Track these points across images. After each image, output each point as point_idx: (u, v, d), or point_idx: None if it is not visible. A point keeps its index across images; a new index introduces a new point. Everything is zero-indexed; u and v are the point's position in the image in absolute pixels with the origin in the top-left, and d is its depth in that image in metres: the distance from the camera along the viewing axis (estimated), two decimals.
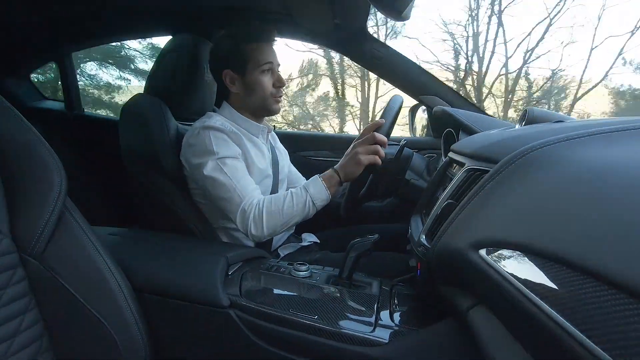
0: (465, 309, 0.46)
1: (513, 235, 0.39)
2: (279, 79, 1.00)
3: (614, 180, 0.34)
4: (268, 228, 0.87)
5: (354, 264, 0.73)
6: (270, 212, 0.87)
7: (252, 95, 0.99)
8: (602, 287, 0.26)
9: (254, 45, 0.96)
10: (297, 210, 0.88)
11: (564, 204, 0.36)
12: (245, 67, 0.97)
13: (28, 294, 0.53)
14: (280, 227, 0.88)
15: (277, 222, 0.87)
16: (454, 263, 0.48)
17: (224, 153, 0.90)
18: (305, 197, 0.88)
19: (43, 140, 0.56)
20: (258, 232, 0.87)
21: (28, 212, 0.53)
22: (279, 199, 0.88)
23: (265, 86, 0.98)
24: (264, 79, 0.97)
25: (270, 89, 0.99)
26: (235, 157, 0.92)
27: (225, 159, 0.89)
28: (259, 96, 0.99)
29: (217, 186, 0.88)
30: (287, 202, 0.87)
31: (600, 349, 0.24)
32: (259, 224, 0.86)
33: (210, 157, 0.89)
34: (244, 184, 0.89)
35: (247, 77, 0.97)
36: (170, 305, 0.67)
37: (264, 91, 0.98)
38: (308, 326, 0.61)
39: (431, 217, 0.66)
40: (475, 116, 1.17)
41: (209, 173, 0.88)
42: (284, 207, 0.87)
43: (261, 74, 0.97)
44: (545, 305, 0.30)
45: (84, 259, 0.57)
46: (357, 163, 0.86)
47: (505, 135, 0.64)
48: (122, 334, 0.58)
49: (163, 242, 0.85)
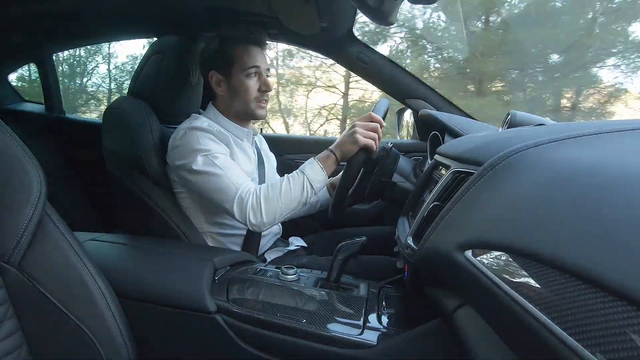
0: (452, 309, 0.47)
1: (497, 236, 0.39)
2: (265, 83, 0.98)
3: (592, 181, 0.35)
4: (267, 215, 0.85)
5: (342, 267, 0.73)
6: (268, 198, 0.85)
7: (236, 98, 0.98)
8: (584, 286, 0.27)
9: (241, 47, 0.95)
10: (295, 194, 0.86)
11: (543, 205, 0.37)
12: (231, 70, 0.96)
13: (6, 302, 0.51)
14: (279, 213, 0.86)
15: (276, 208, 0.85)
16: (441, 264, 0.49)
17: (213, 149, 0.89)
18: (302, 179, 0.87)
19: (21, 143, 0.55)
20: (257, 221, 0.85)
21: (6, 218, 0.51)
22: (275, 184, 0.87)
23: (250, 90, 0.97)
24: (250, 83, 0.96)
25: (255, 94, 0.97)
26: (224, 153, 0.91)
27: (215, 153, 0.88)
28: (243, 100, 0.97)
29: (211, 179, 0.87)
30: (285, 186, 0.86)
31: (582, 346, 0.25)
32: (257, 211, 0.84)
33: (199, 153, 0.88)
34: (237, 174, 0.88)
35: (233, 79, 0.96)
36: (155, 311, 0.65)
37: (248, 95, 0.97)
38: (296, 330, 0.60)
39: (418, 219, 0.67)
40: (460, 119, 1.19)
41: (200, 167, 0.87)
42: (281, 192, 0.85)
43: (247, 77, 0.96)
44: (530, 305, 0.30)
45: (64, 266, 0.55)
46: (354, 142, 0.86)
47: (489, 138, 0.65)
48: (105, 342, 0.57)
49: (147, 246, 0.83)
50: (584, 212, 0.32)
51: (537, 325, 0.29)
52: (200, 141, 0.89)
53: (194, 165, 0.87)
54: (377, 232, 1.17)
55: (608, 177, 0.34)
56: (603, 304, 0.25)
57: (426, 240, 0.54)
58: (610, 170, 0.35)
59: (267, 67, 1.00)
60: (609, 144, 0.45)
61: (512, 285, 0.34)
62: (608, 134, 0.46)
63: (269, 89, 0.99)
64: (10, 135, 0.54)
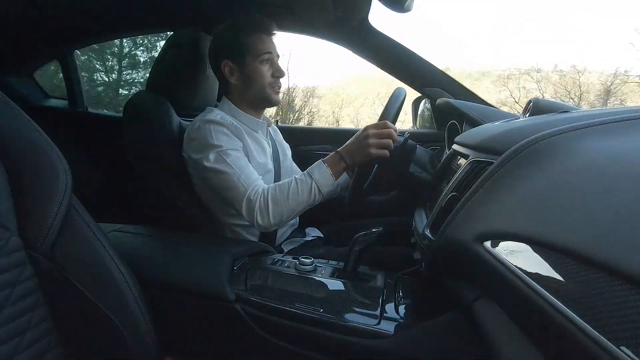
0: (470, 301, 0.46)
1: (518, 227, 0.38)
2: (278, 69, 1.00)
3: (619, 170, 0.34)
4: (274, 217, 0.86)
5: (359, 258, 0.73)
6: (276, 200, 0.86)
7: (251, 85, 0.99)
8: (610, 279, 0.26)
9: (254, 35, 0.97)
10: (302, 197, 0.86)
11: (569, 196, 0.36)
12: (244, 58, 0.97)
13: (37, 290, 0.54)
14: (286, 215, 0.87)
15: (283, 210, 0.86)
16: (459, 255, 0.48)
17: (225, 145, 0.90)
18: (310, 183, 0.87)
19: (48, 138, 0.57)
20: (264, 222, 0.86)
21: (35, 210, 0.54)
22: (283, 186, 0.87)
23: (264, 76, 0.98)
24: (263, 69, 0.98)
25: (269, 79, 0.99)
26: (236, 149, 0.92)
27: (227, 150, 0.89)
28: (258, 86, 0.99)
29: (221, 177, 0.88)
30: (292, 189, 0.86)
31: (607, 339, 0.24)
32: (264, 212, 0.85)
33: (211, 149, 0.89)
34: (248, 173, 0.89)
35: (246, 67, 0.98)
36: (177, 300, 0.67)
37: (263, 81, 0.98)
38: (314, 319, 0.61)
39: (435, 209, 0.66)
40: (479, 108, 1.16)
41: (212, 165, 0.88)
42: (289, 195, 0.86)
43: (260, 63, 0.97)
44: (552, 297, 0.30)
45: (91, 255, 0.57)
46: (366, 154, 0.85)
47: (510, 126, 0.63)
48: (131, 329, 0.59)
49: (168, 238, 0.85)
50: (616, 203, 0.30)
51: (560, 317, 0.28)
52: (214, 136, 0.90)
53: (206, 162, 0.88)
54: (394, 222, 1.17)
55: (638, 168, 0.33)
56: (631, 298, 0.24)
57: (444, 231, 0.53)
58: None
59: (278, 54, 1.01)
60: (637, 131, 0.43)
61: (532, 277, 0.33)
62: (635, 121, 0.44)
63: (282, 75, 1.01)
64: (37, 130, 0.56)
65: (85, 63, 4.72)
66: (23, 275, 0.52)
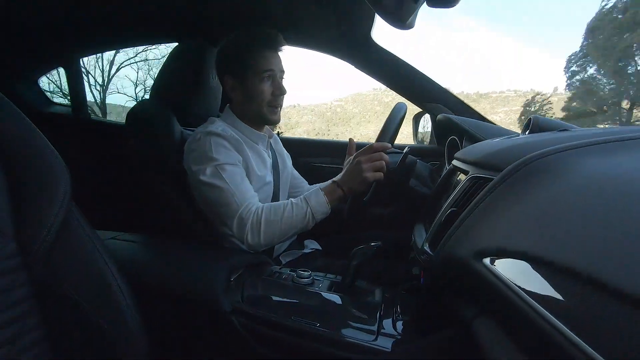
0: (469, 318, 0.46)
1: (517, 244, 0.38)
2: (279, 86, 0.98)
3: (618, 189, 0.34)
4: (265, 238, 0.85)
5: (357, 272, 0.72)
6: (269, 221, 0.85)
7: (250, 102, 0.98)
8: (610, 298, 0.26)
9: (256, 51, 0.96)
10: (296, 221, 0.86)
11: (568, 213, 0.35)
12: (246, 74, 0.96)
13: (30, 297, 0.53)
14: (278, 237, 0.86)
15: (275, 232, 0.85)
16: (457, 271, 0.48)
17: (223, 159, 0.89)
18: (305, 209, 0.86)
19: (50, 145, 0.57)
20: (254, 241, 0.85)
21: (33, 216, 0.53)
22: (278, 208, 0.87)
23: (264, 94, 0.97)
24: (264, 87, 0.96)
25: (268, 97, 0.97)
26: (234, 163, 0.91)
27: (224, 165, 0.89)
28: (257, 104, 0.98)
29: (215, 192, 0.87)
30: (287, 212, 0.86)
31: None
32: (255, 232, 0.84)
33: (209, 163, 0.88)
34: (243, 190, 0.88)
35: (247, 84, 0.97)
36: (172, 310, 0.66)
37: (262, 99, 0.97)
38: (310, 333, 0.60)
39: (434, 224, 0.66)
40: (479, 124, 1.16)
41: (208, 179, 0.88)
42: (283, 217, 0.85)
43: (260, 81, 0.96)
44: (551, 316, 0.29)
45: (87, 264, 0.57)
46: (362, 181, 0.85)
47: (510, 143, 0.64)
48: (123, 339, 0.58)
49: (165, 246, 0.85)
50: (616, 221, 0.30)
51: (559, 337, 0.28)
52: (214, 149, 0.89)
53: (202, 176, 0.88)
54: (393, 237, 1.16)
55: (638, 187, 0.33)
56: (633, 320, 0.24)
57: (443, 246, 0.53)
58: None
59: (282, 69, 0.99)
60: (638, 150, 0.43)
61: (531, 295, 0.33)
62: (635, 140, 0.44)
63: (282, 93, 0.99)
64: (39, 135, 0.56)
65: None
66: (17, 282, 0.51)
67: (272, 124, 1.05)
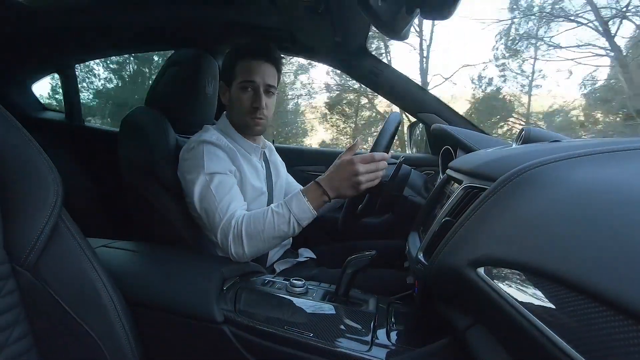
0: (464, 328, 0.46)
1: (510, 254, 0.38)
2: (255, 98, 0.96)
3: (609, 199, 0.34)
4: (249, 249, 0.82)
5: (351, 281, 0.72)
6: (250, 232, 0.82)
7: (233, 110, 1.00)
8: (602, 308, 0.26)
9: (242, 61, 0.96)
10: (279, 230, 0.83)
11: (560, 223, 0.36)
12: (231, 82, 0.98)
13: (18, 305, 0.52)
14: (262, 247, 0.84)
15: (259, 242, 0.83)
16: (452, 281, 0.48)
17: (213, 169, 0.88)
18: (288, 216, 0.83)
19: (41, 151, 0.56)
20: (238, 253, 0.82)
21: (22, 222, 0.52)
22: (258, 219, 0.83)
23: (242, 103, 0.97)
24: (242, 96, 0.96)
25: (248, 108, 0.97)
26: (224, 173, 0.90)
27: (214, 175, 0.88)
28: (237, 112, 0.99)
29: (204, 203, 0.87)
30: (268, 222, 0.82)
31: None
32: (238, 244, 0.82)
33: (200, 172, 0.88)
34: (228, 200, 0.86)
35: (232, 90, 0.99)
36: (164, 319, 0.65)
37: (241, 108, 0.97)
38: (303, 344, 0.60)
39: (429, 234, 0.66)
40: (473, 134, 1.18)
41: (198, 188, 0.87)
42: (265, 227, 0.82)
43: (241, 90, 0.96)
44: (544, 326, 0.29)
45: (77, 272, 0.56)
46: (353, 186, 0.82)
47: (503, 153, 0.64)
48: (113, 350, 0.57)
49: (158, 254, 0.84)
50: (606, 231, 0.31)
51: (552, 347, 0.28)
52: (206, 158, 0.89)
53: (192, 185, 0.88)
54: (387, 246, 1.16)
55: (629, 196, 0.33)
56: (623, 329, 0.24)
57: (437, 256, 0.53)
58: (631, 188, 0.35)
59: (270, 83, 0.97)
60: (627, 161, 0.44)
61: (526, 306, 0.33)
62: (625, 152, 0.45)
63: (259, 106, 0.96)
64: (30, 141, 0.56)
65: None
66: (5, 290, 0.50)
67: (256, 134, 1.03)
